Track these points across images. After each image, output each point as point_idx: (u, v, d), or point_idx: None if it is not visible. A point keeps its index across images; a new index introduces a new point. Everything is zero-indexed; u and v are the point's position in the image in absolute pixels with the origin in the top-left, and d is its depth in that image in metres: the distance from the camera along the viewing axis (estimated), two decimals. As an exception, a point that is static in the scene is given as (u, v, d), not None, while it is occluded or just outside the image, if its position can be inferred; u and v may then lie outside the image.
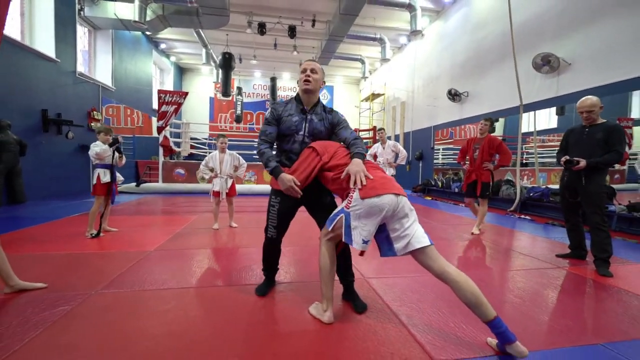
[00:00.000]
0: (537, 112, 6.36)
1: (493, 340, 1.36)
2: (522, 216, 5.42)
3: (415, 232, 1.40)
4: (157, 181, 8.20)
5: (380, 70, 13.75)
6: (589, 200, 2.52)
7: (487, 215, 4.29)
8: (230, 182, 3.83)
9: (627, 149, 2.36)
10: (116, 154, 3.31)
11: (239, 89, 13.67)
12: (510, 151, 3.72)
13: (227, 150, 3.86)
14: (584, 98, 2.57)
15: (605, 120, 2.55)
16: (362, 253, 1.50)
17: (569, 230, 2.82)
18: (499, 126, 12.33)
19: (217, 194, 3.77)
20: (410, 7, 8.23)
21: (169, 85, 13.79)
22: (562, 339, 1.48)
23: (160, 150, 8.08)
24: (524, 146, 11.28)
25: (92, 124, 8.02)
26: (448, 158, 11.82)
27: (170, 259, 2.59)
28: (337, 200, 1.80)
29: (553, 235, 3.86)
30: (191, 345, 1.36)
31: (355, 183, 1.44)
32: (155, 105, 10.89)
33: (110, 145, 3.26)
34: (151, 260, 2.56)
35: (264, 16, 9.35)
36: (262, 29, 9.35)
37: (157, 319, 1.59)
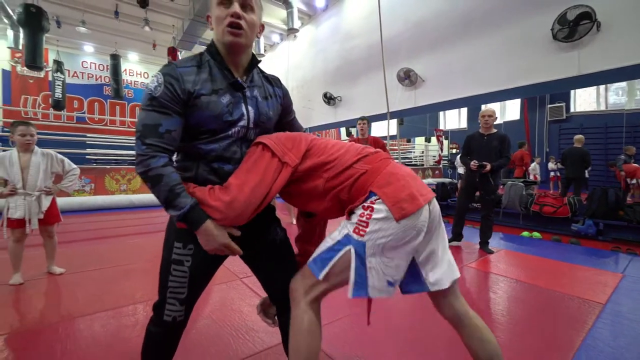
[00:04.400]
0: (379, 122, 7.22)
1: None
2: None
3: (450, 255, 0.92)
4: None
5: (251, 66, 13.00)
6: (489, 196, 3.03)
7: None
8: (47, 201, 2.31)
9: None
10: None
11: (58, 63, 9.87)
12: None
13: (38, 149, 2.31)
14: (486, 107, 3.10)
15: (497, 130, 3.07)
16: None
17: (459, 219, 3.28)
18: (353, 132, 13.95)
19: (17, 224, 2.18)
20: (287, 4, 7.95)
21: None
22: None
23: None
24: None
25: None
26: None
27: None
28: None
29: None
30: None
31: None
32: None
33: None
34: None
35: (98, -32, 6.95)
36: (95, -15, 6.91)
37: None
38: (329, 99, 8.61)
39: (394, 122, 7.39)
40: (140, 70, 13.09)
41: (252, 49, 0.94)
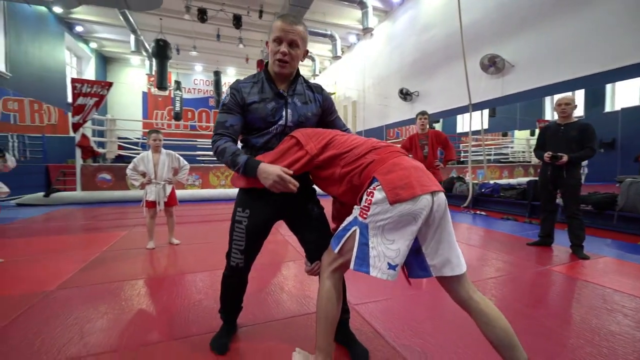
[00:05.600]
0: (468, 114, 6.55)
1: None
2: (477, 212, 5.57)
3: (458, 249, 1.02)
4: (75, 189, 6.76)
5: (330, 68, 13.59)
6: (568, 191, 2.74)
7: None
8: (169, 188, 3.09)
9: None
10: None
11: (177, 83, 12.28)
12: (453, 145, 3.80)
13: (163, 150, 3.10)
14: (562, 95, 2.75)
15: (577, 119, 2.74)
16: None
17: (544, 219, 2.99)
18: (438, 127, 13.04)
19: (151, 205, 2.99)
20: (361, 4, 8.11)
21: (90, 76, 11.76)
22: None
23: (78, 152, 6.67)
24: (459, 145, 12.02)
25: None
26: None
27: (78, 304, 1.84)
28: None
29: (513, 230, 3.91)
30: None
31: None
32: (70, 99, 9.11)
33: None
34: (47, 307, 1.78)
35: (204, 1, 8.39)
36: (202, 15, 8.38)
37: None
38: (405, 94, 8.42)
39: (477, 115, 6.74)
40: (236, 82, 15.09)
41: (296, 68, 1.24)
